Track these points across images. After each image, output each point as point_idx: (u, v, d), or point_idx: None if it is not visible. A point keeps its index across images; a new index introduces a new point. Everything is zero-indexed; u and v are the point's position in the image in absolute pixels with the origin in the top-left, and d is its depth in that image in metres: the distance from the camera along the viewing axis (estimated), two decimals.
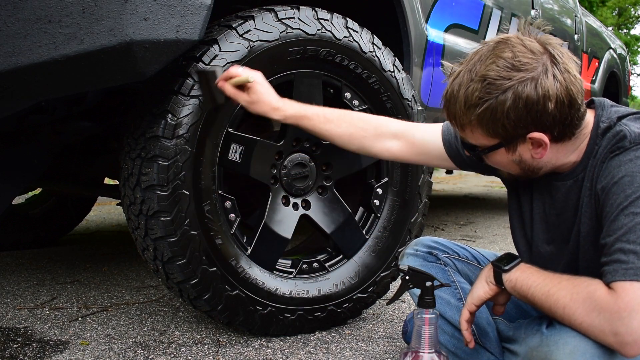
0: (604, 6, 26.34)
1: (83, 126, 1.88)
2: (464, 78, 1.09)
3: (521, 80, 1.04)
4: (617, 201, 1.04)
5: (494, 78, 1.05)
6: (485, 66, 1.06)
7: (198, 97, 1.46)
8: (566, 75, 1.06)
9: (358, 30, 1.75)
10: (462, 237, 3.50)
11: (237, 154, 1.59)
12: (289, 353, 1.57)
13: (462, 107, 1.09)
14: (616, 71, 5.13)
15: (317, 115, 1.45)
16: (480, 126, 1.10)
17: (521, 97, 1.04)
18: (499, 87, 1.05)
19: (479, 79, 1.06)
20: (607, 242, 1.04)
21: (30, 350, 1.58)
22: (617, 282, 0.98)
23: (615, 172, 1.06)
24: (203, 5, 1.37)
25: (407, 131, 1.44)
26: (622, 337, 0.97)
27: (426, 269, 1.33)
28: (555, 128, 1.08)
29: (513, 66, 1.05)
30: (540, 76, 1.04)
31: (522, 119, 1.06)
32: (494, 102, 1.05)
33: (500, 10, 2.91)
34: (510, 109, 1.05)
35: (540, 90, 1.04)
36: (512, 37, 1.09)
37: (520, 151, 1.12)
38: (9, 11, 1.19)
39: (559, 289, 1.07)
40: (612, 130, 1.11)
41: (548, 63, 1.05)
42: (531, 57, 1.05)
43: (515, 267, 1.16)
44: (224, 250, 1.56)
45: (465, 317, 1.23)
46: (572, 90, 1.06)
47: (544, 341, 1.12)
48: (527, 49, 1.06)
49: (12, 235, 2.96)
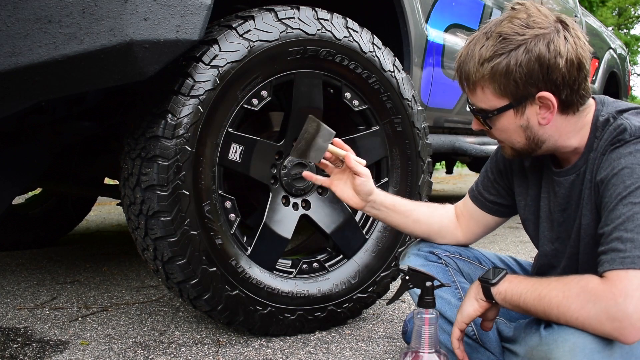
0: (604, 6, 26.34)
1: (83, 126, 1.88)
2: (480, 38, 1.14)
3: (534, 36, 1.09)
4: (616, 192, 1.05)
5: (508, 34, 1.10)
6: (500, 26, 1.12)
7: (198, 97, 1.46)
8: (577, 40, 1.11)
9: (358, 30, 1.75)
10: None
11: (237, 154, 1.59)
12: (289, 353, 1.57)
13: (475, 64, 1.13)
14: (616, 71, 5.13)
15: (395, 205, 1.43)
16: (492, 82, 1.12)
17: (534, 52, 1.08)
18: (513, 42, 1.10)
19: (494, 36, 1.12)
20: (605, 231, 1.04)
21: (30, 350, 1.58)
22: (613, 271, 0.99)
23: (615, 164, 1.07)
24: (203, 5, 1.37)
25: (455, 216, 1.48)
26: (619, 323, 0.97)
27: (427, 268, 1.33)
28: (564, 90, 1.10)
29: (527, 25, 1.10)
30: (553, 35, 1.09)
31: (533, 74, 1.09)
32: (507, 57, 1.10)
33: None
34: (523, 63, 1.09)
35: (552, 47, 1.08)
36: (528, 2, 1.15)
37: (528, 114, 1.14)
38: (9, 11, 1.19)
39: (549, 290, 1.07)
40: (612, 124, 1.13)
41: (560, 27, 1.11)
42: (544, 19, 1.11)
43: (503, 279, 1.17)
44: (224, 250, 1.56)
45: (456, 336, 1.24)
46: (581, 54, 1.10)
47: (543, 340, 1.12)
48: (541, 12, 1.12)
49: (12, 235, 2.97)
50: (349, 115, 1.83)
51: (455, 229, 1.46)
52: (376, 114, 1.83)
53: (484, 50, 1.12)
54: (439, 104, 2.56)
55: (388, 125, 1.84)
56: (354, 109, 1.80)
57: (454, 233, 1.46)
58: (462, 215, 1.46)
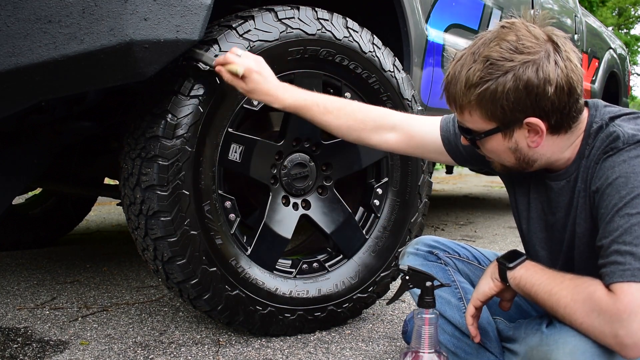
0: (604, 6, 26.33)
1: (83, 126, 1.88)
2: (467, 59, 1.10)
3: (523, 62, 1.05)
4: (612, 202, 1.04)
5: (496, 59, 1.06)
6: (488, 48, 1.08)
7: (198, 97, 1.46)
8: (567, 63, 1.07)
9: (358, 30, 1.75)
10: (462, 237, 3.50)
11: (237, 154, 1.59)
12: (289, 353, 1.57)
13: (462, 88, 1.10)
14: (616, 71, 5.13)
15: (316, 105, 1.43)
16: (479, 107, 1.10)
17: (522, 79, 1.05)
18: (500, 67, 1.06)
19: (481, 60, 1.08)
20: (603, 244, 1.04)
21: (30, 350, 1.58)
22: (615, 284, 0.98)
23: (610, 173, 1.06)
24: (203, 5, 1.37)
25: (405, 123, 1.43)
26: (622, 340, 0.97)
27: (426, 268, 1.33)
28: (553, 116, 1.08)
29: (516, 49, 1.06)
30: (542, 60, 1.05)
31: (521, 101, 1.06)
32: (494, 83, 1.06)
33: (500, 10, 2.91)
34: (510, 90, 1.05)
35: (541, 74, 1.05)
36: (517, 22, 1.10)
37: (516, 137, 1.12)
38: (9, 11, 1.19)
39: (561, 288, 1.07)
40: (605, 131, 1.11)
41: (550, 49, 1.06)
42: (534, 42, 1.07)
43: (520, 265, 1.16)
44: (224, 250, 1.56)
45: (470, 312, 1.24)
46: (572, 78, 1.07)
47: (543, 340, 1.12)
48: (531, 34, 1.07)
49: (12, 235, 2.96)
50: None
51: (388, 132, 1.43)
52: None
53: (471, 74, 1.08)
54: (439, 104, 2.56)
55: None
56: None
57: (386, 137, 1.43)
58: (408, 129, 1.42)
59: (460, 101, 1.12)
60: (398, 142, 1.43)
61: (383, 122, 1.43)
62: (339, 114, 1.43)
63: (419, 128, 1.42)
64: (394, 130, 1.43)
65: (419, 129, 1.42)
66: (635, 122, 1.11)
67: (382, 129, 1.43)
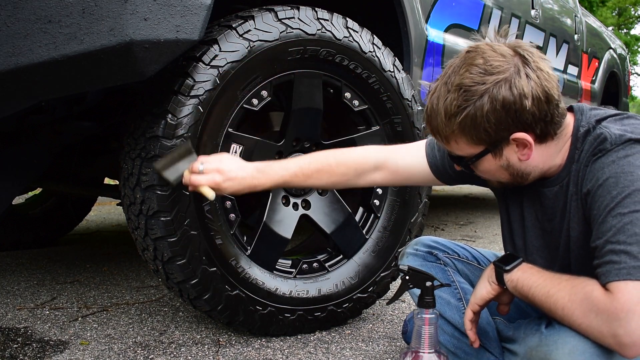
0: (604, 6, 26.34)
1: (83, 126, 1.88)
2: (441, 91, 1.11)
3: (495, 82, 1.06)
4: (604, 203, 1.04)
5: (469, 85, 1.07)
6: (459, 75, 1.09)
7: (198, 97, 1.46)
8: (539, 73, 1.07)
9: (358, 30, 1.75)
10: (462, 237, 3.50)
11: (237, 154, 1.59)
12: (289, 353, 1.57)
13: (443, 119, 1.11)
14: (616, 71, 5.13)
15: (295, 175, 1.43)
16: (463, 135, 1.11)
17: (497, 99, 1.05)
18: (475, 92, 1.07)
19: (455, 89, 1.08)
20: (597, 244, 1.04)
21: (30, 350, 1.58)
22: (611, 283, 0.98)
23: (599, 174, 1.07)
24: (203, 5, 1.37)
25: (389, 160, 1.44)
26: (620, 339, 0.97)
27: (426, 268, 1.33)
28: (537, 126, 1.09)
29: (486, 71, 1.07)
30: (513, 77, 1.06)
31: (502, 120, 1.07)
32: (472, 108, 1.07)
33: (500, 10, 2.91)
34: (489, 112, 1.06)
35: (515, 90, 1.05)
36: (482, 44, 1.11)
37: (506, 155, 1.13)
38: (9, 11, 1.19)
39: (558, 289, 1.07)
40: (592, 134, 1.12)
41: (519, 64, 1.07)
42: (502, 60, 1.07)
43: (517, 267, 1.17)
44: (224, 250, 1.56)
45: (469, 317, 1.24)
46: (547, 86, 1.07)
47: (543, 341, 1.12)
48: (497, 53, 1.08)
49: (12, 235, 2.96)
50: (349, 115, 1.83)
51: (373, 173, 1.44)
52: (376, 114, 1.83)
53: (448, 105, 1.09)
54: None
55: (388, 125, 1.84)
56: (354, 109, 1.80)
57: (373, 178, 1.45)
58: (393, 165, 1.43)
59: (444, 132, 1.13)
60: (385, 179, 1.45)
61: (364, 167, 1.44)
62: (320, 176, 1.43)
63: (403, 161, 1.43)
64: (377, 169, 1.44)
65: (404, 162, 1.43)
66: (622, 122, 1.12)
67: (366, 172, 1.44)
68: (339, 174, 1.43)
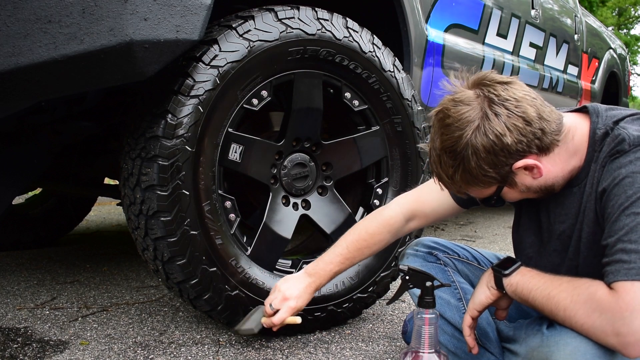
0: (604, 6, 26.34)
1: (83, 126, 1.88)
2: (434, 156, 1.15)
3: (470, 133, 1.07)
4: (619, 202, 1.04)
5: (449, 146, 1.10)
6: (439, 140, 1.12)
7: (198, 97, 1.46)
8: (507, 104, 1.07)
9: (358, 30, 1.75)
10: (462, 237, 3.50)
11: (237, 154, 1.59)
12: (289, 353, 1.57)
13: (447, 180, 1.15)
14: (616, 71, 5.13)
15: (342, 264, 1.48)
16: (471, 185, 1.14)
17: (479, 149, 1.07)
18: (458, 150, 1.09)
19: (441, 152, 1.12)
20: (608, 242, 1.03)
21: (30, 350, 1.58)
22: (618, 282, 0.98)
23: (616, 174, 1.07)
24: (203, 5, 1.37)
25: (416, 211, 1.46)
26: (624, 338, 0.96)
27: (426, 269, 1.33)
28: (532, 147, 1.09)
29: (458, 127, 1.08)
30: (483, 122, 1.07)
31: (495, 161, 1.08)
32: (463, 164, 1.10)
33: (500, 10, 2.91)
34: (479, 161, 1.08)
35: (489, 134, 1.06)
36: (446, 102, 1.12)
37: (520, 181, 1.13)
38: (9, 11, 1.19)
39: (559, 291, 1.07)
40: (610, 135, 1.11)
41: (485, 105, 1.08)
42: (468, 109, 1.08)
43: (516, 271, 1.16)
44: (224, 250, 1.56)
45: (467, 323, 1.24)
46: (519, 112, 1.07)
47: (544, 342, 1.12)
48: (462, 104, 1.09)
49: (12, 235, 2.96)
50: (349, 115, 1.83)
51: (406, 224, 1.48)
52: (376, 114, 1.83)
53: (445, 168, 1.13)
54: None
55: (388, 125, 1.84)
56: (354, 109, 1.80)
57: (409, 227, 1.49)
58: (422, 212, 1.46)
59: (456, 189, 1.17)
60: (419, 224, 1.49)
61: (396, 226, 1.47)
62: (362, 252, 1.47)
63: (430, 206, 1.46)
64: (409, 221, 1.48)
65: (431, 207, 1.46)
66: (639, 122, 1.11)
67: (400, 228, 1.47)
68: (377, 242, 1.47)
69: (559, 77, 3.83)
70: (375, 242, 1.46)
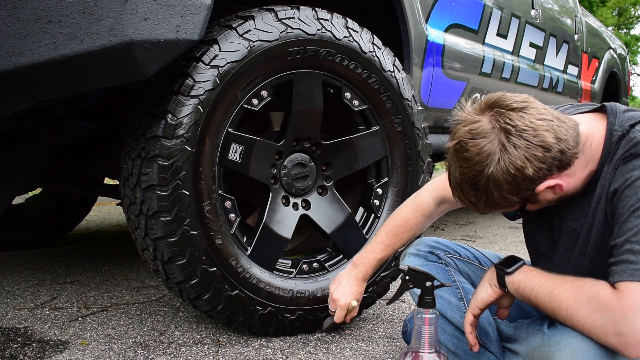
0: (604, 6, 26.34)
1: (83, 126, 1.88)
2: (454, 183, 1.15)
3: (490, 166, 1.07)
4: (629, 203, 1.04)
5: (471, 178, 1.10)
6: (458, 172, 1.12)
7: (198, 97, 1.46)
8: (525, 134, 1.05)
9: (358, 30, 1.75)
10: (462, 237, 3.50)
11: (237, 154, 1.59)
12: (289, 353, 1.57)
13: (470, 205, 1.16)
14: (616, 71, 5.13)
15: (384, 251, 1.56)
16: (496, 208, 1.14)
17: (500, 181, 1.07)
18: (480, 183, 1.09)
19: (465, 183, 1.12)
20: (616, 242, 1.03)
21: (30, 350, 1.58)
22: (623, 282, 0.98)
23: (628, 175, 1.07)
24: (203, 5, 1.37)
25: (446, 196, 1.46)
26: (625, 338, 0.96)
27: (427, 268, 1.33)
28: (552, 169, 1.08)
29: (478, 162, 1.07)
30: (502, 156, 1.06)
31: (518, 189, 1.08)
32: (485, 195, 1.10)
33: (500, 10, 2.91)
34: (501, 192, 1.09)
35: (510, 166, 1.05)
36: (462, 134, 1.10)
37: (543, 197, 1.13)
38: (9, 11, 1.19)
39: (562, 290, 1.07)
40: (625, 138, 1.12)
41: (503, 138, 1.06)
42: (485, 142, 1.07)
43: (518, 270, 1.16)
44: (224, 250, 1.56)
45: (469, 321, 1.24)
46: (538, 141, 1.05)
47: (545, 341, 1.12)
48: (478, 137, 1.08)
49: (12, 235, 2.96)
50: (349, 115, 1.83)
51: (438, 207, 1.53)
52: (376, 114, 1.83)
53: (469, 197, 1.13)
54: (439, 104, 2.56)
55: (388, 125, 1.84)
56: (354, 109, 1.80)
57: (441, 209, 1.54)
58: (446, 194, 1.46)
59: (482, 212, 1.17)
60: (451, 207, 1.52)
61: (429, 210, 1.53)
62: (401, 238, 1.55)
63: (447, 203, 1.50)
64: (441, 204, 1.52)
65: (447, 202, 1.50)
66: None
67: (433, 211, 1.53)
68: (414, 226, 1.54)
69: (559, 77, 3.83)
70: (411, 227, 1.54)
